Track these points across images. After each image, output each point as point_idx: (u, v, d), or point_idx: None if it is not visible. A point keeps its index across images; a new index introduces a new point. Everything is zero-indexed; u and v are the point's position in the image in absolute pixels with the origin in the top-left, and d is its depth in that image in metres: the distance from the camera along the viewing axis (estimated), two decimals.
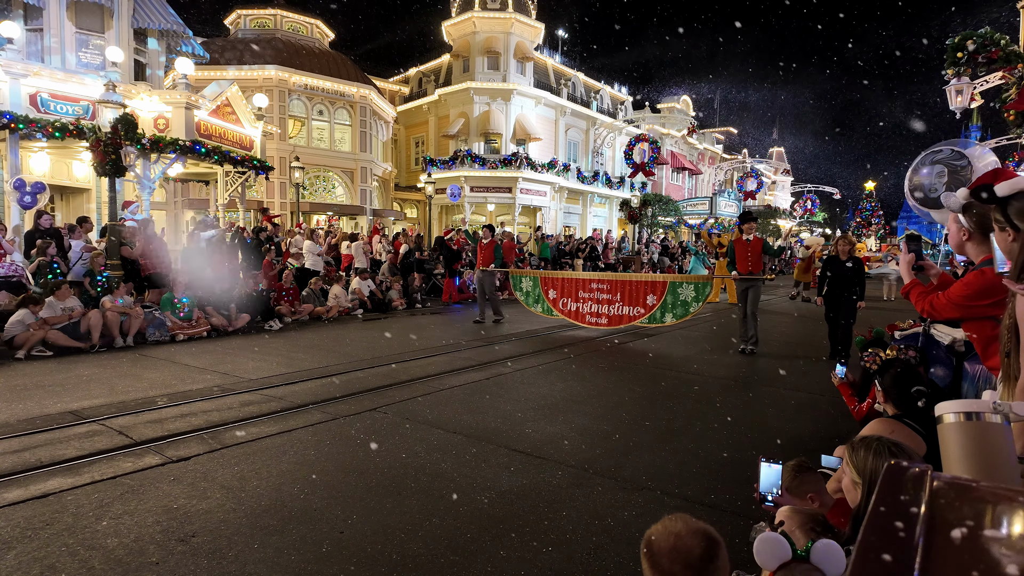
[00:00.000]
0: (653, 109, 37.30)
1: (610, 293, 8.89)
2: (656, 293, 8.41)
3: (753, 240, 8.20)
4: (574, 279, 9.61)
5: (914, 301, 2.65)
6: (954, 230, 2.50)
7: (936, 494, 0.77)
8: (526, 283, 10.18)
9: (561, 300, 9.52)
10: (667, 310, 8.31)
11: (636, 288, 8.67)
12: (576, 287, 9.37)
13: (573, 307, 9.34)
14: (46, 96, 11.45)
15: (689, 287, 8.25)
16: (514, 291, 10.50)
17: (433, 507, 3.23)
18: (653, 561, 1.28)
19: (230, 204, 16.25)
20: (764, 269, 8.66)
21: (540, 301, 9.85)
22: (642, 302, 8.53)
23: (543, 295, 9.77)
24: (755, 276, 8.08)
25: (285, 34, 24.01)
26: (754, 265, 8.15)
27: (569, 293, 9.43)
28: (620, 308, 8.75)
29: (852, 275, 7.43)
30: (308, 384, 6.05)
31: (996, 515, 0.75)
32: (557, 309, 9.59)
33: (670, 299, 8.27)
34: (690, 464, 3.96)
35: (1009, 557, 0.62)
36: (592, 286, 9.16)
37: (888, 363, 2.96)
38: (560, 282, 9.71)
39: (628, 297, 8.68)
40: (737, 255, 8.25)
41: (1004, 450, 1.82)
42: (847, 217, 43.92)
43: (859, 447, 1.74)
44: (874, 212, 40.40)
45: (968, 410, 1.86)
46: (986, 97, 12.37)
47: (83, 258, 9.40)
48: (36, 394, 5.51)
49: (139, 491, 3.39)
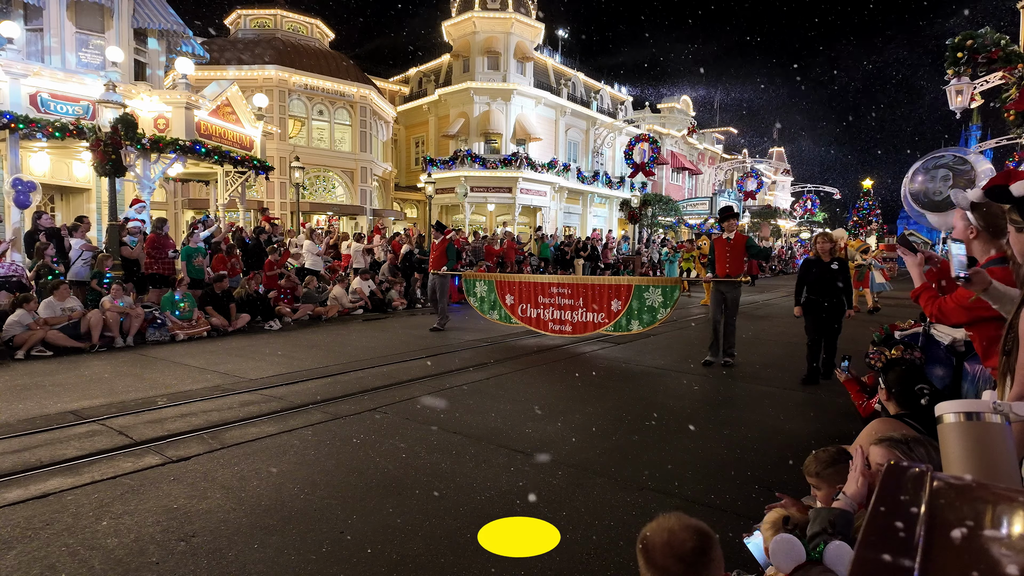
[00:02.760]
0: (653, 109, 37.29)
1: (572, 298, 8.12)
2: (621, 298, 7.66)
3: (735, 239, 7.33)
4: (532, 283, 8.68)
5: (923, 305, 2.63)
6: (961, 228, 2.49)
7: (936, 494, 0.77)
8: (480, 288, 9.28)
9: (520, 306, 8.72)
10: (633, 316, 7.56)
11: (599, 293, 7.89)
12: (535, 291, 8.52)
13: (533, 313, 8.55)
14: (46, 96, 11.45)
15: (656, 291, 7.47)
16: (467, 297, 9.54)
17: (433, 507, 3.23)
18: (648, 557, 1.30)
19: (230, 204, 16.26)
20: (753, 273, 8.28)
21: (497, 307, 9.01)
22: (606, 308, 7.76)
23: (499, 300, 8.94)
24: (733, 279, 7.17)
25: (285, 34, 24.01)
26: (733, 267, 7.24)
27: (528, 298, 8.61)
28: (584, 314, 8.01)
29: (837, 279, 6.29)
30: (308, 384, 6.05)
31: (996, 515, 0.75)
32: (516, 316, 8.77)
33: (636, 304, 7.52)
34: (690, 464, 3.96)
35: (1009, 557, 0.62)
36: (552, 290, 8.33)
37: (893, 362, 2.97)
38: (517, 286, 8.79)
39: (591, 302, 7.93)
40: (716, 256, 7.37)
41: (1004, 450, 1.82)
42: (847, 217, 43.84)
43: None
44: (872, 211, 40.27)
45: (968, 410, 1.86)
46: (986, 97, 12.37)
47: (83, 257, 9.40)
48: (36, 394, 5.51)
49: (139, 491, 3.39)
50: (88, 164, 11.50)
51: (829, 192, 43.28)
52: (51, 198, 14.49)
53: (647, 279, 8.94)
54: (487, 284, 9.24)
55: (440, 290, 9.90)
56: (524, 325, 8.73)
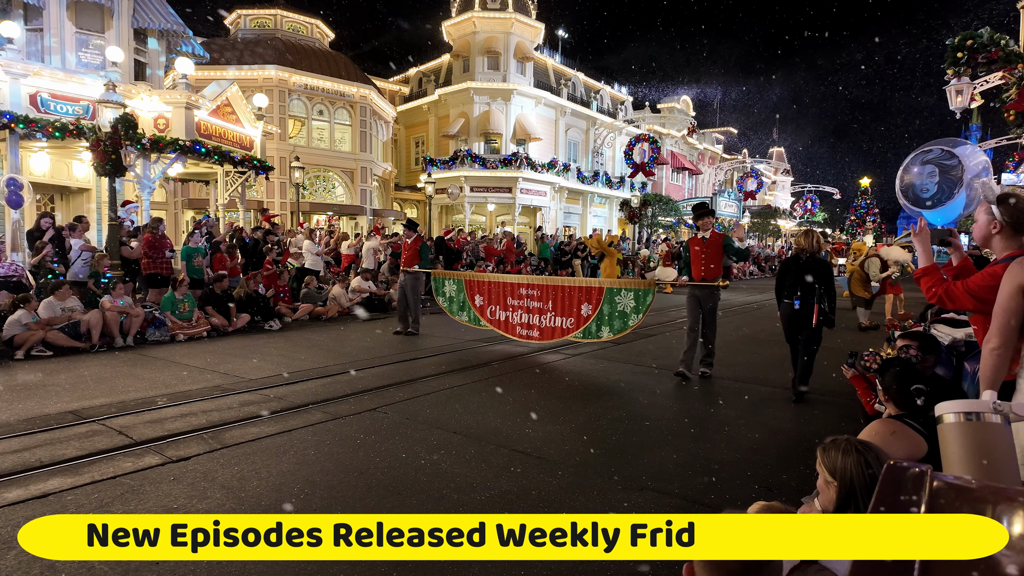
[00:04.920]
0: (653, 109, 37.31)
1: (541, 301, 7.53)
2: (592, 302, 7.07)
3: (711, 238, 6.55)
4: (502, 283, 8.10)
5: (927, 286, 2.55)
6: (984, 222, 2.44)
7: (936, 494, 0.77)
8: (449, 287, 8.70)
9: (489, 308, 8.11)
10: (603, 323, 6.96)
11: (569, 296, 7.30)
12: (504, 292, 7.95)
13: (502, 316, 7.94)
14: (46, 96, 11.45)
15: (628, 295, 6.82)
16: (436, 296, 8.98)
17: (433, 507, 3.23)
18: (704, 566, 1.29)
19: (230, 204, 16.26)
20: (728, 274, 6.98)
21: (466, 308, 8.44)
22: (575, 312, 7.18)
23: (468, 301, 8.35)
24: (710, 283, 6.44)
25: (285, 34, 24.01)
26: (709, 270, 6.47)
27: (497, 300, 8.00)
28: (552, 319, 7.43)
29: (816, 282, 5.46)
30: (308, 384, 6.05)
31: (996, 515, 0.75)
32: (485, 318, 8.17)
33: (607, 309, 6.94)
34: (690, 464, 3.96)
35: (1009, 557, 0.62)
36: (521, 292, 7.74)
37: (888, 362, 2.96)
38: (487, 286, 8.22)
39: (560, 306, 7.35)
40: (691, 257, 6.63)
41: (1004, 450, 1.82)
42: (845, 216, 43.71)
43: (829, 448, 1.81)
44: (869, 209, 40.08)
45: (968, 410, 1.86)
46: (986, 97, 12.38)
47: (83, 257, 9.40)
48: (36, 394, 5.51)
49: (139, 491, 3.39)
50: (88, 164, 11.50)
51: (829, 192, 43.28)
52: (51, 198, 14.49)
53: (619, 281, 8.57)
54: (456, 283, 8.64)
55: (412, 290, 9.40)
56: (492, 328, 8.16)
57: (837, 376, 4.68)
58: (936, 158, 4.52)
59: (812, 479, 3.20)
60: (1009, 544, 0.67)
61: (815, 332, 5.49)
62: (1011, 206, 2.32)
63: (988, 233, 2.41)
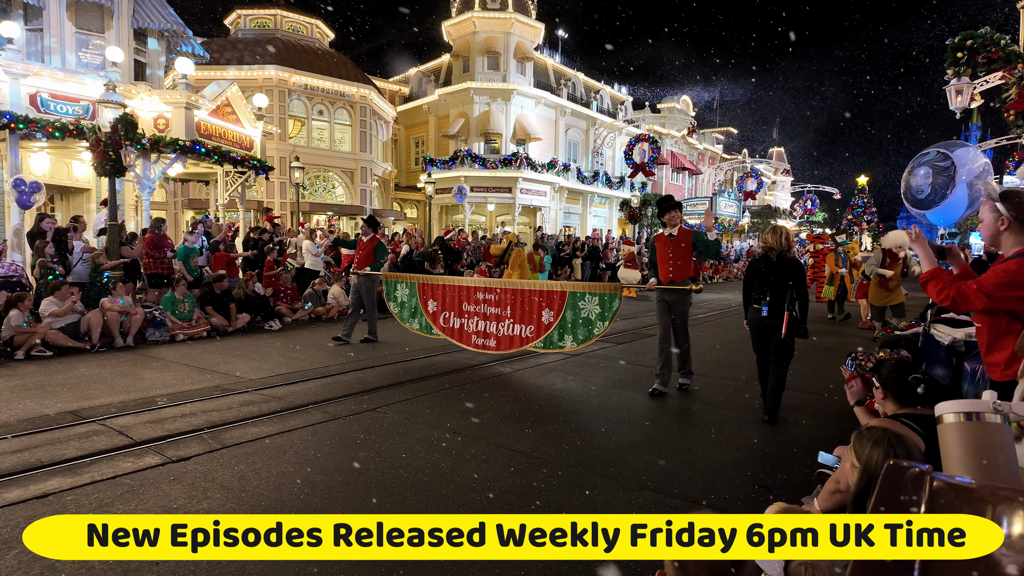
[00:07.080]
0: (653, 109, 37.30)
1: (499, 307, 6.90)
2: (553, 308, 6.44)
3: (679, 235, 5.89)
4: (457, 287, 7.44)
5: (936, 290, 2.54)
6: (991, 220, 2.43)
7: (936, 494, 0.77)
8: (401, 291, 7.97)
9: (442, 314, 7.45)
10: (566, 330, 6.33)
11: (529, 300, 6.68)
12: (460, 297, 7.29)
13: (457, 323, 7.30)
14: (46, 96, 11.44)
15: (593, 300, 6.20)
16: (387, 301, 8.21)
17: (433, 507, 3.23)
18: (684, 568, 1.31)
19: (230, 204, 16.25)
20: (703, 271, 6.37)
21: (417, 315, 7.73)
22: (535, 319, 6.56)
23: (421, 307, 7.66)
24: (679, 286, 5.79)
25: (285, 34, 24.01)
26: (679, 270, 5.85)
27: (451, 306, 7.36)
28: (510, 327, 6.79)
29: (787, 284, 4.78)
30: (308, 384, 6.05)
31: (996, 515, 0.75)
32: (437, 326, 7.49)
33: (570, 316, 6.30)
34: (690, 464, 3.96)
35: (1009, 557, 0.62)
36: (478, 296, 7.10)
37: (882, 361, 2.97)
38: (441, 290, 7.53)
39: (520, 312, 6.73)
40: (658, 256, 6.01)
41: (1004, 450, 1.82)
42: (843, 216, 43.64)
43: (864, 436, 1.86)
44: (866, 209, 39.98)
45: (968, 410, 1.86)
46: (986, 97, 12.38)
47: (83, 258, 9.40)
48: (36, 394, 5.51)
49: (139, 491, 3.39)
50: (88, 164, 11.49)
51: (829, 192, 43.24)
52: (51, 198, 14.47)
53: (584, 284, 7.95)
54: (409, 287, 7.90)
55: (367, 294, 8.70)
56: (445, 337, 7.47)
57: (837, 376, 4.67)
58: (931, 160, 4.53)
59: (812, 479, 3.21)
60: (1009, 544, 0.67)
61: (786, 344, 4.81)
62: (1016, 201, 2.33)
63: (996, 231, 2.41)
